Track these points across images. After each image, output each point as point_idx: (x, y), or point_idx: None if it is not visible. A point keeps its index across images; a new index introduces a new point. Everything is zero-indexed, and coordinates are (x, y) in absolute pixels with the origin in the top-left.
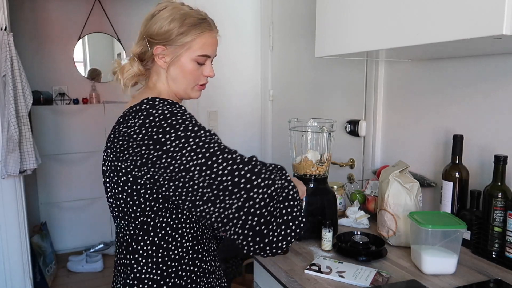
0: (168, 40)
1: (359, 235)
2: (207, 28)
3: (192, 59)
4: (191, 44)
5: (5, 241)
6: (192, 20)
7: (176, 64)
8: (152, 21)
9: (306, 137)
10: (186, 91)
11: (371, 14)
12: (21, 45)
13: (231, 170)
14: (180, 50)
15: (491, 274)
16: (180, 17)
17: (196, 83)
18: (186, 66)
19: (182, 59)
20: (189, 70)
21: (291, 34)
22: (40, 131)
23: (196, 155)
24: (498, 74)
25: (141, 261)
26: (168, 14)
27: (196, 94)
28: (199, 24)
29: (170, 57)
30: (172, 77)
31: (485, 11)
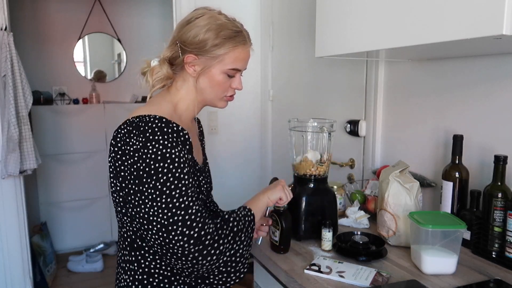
0: (201, 50)
1: (359, 235)
2: (241, 42)
3: (223, 71)
4: (224, 57)
5: (5, 241)
6: (227, 33)
7: (206, 74)
8: (187, 28)
9: (306, 137)
10: (213, 101)
11: (371, 14)
12: (21, 45)
13: (183, 246)
14: (212, 61)
15: (491, 274)
16: (216, 28)
17: (224, 94)
18: (216, 78)
19: (213, 70)
20: (218, 82)
21: (291, 34)
22: (40, 131)
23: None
24: (498, 74)
25: (148, 257)
26: (204, 23)
27: (223, 104)
28: (234, 37)
29: (201, 67)
30: (200, 87)
31: (485, 11)
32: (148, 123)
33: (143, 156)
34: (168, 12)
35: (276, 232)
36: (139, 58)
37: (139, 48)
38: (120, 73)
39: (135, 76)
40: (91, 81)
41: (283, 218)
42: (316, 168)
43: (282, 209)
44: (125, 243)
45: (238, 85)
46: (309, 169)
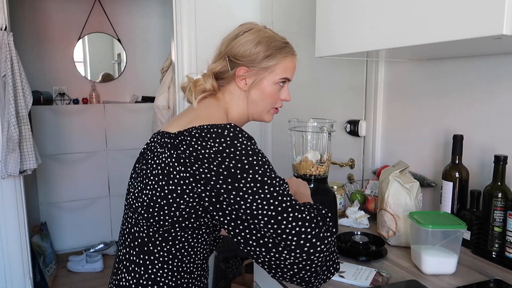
0: (253, 62)
1: (359, 235)
2: (290, 52)
3: (274, 82)
4: (275, 67)
5: (5, 241)
6: (277, 44)
7: (258, 86)
8: (236, 42)
9: (306, 137)
10: (262, 114)
11: (371, 14)
12: (21, 45)
13: (299, 232)
14: (263, 73)
15: (491, 274)
16: (267, 40)
17: (273, 106)
18: (268, 89)
19: (264, 82)
20: (270, 93)
21: (291, 34)
22: (40, 131)
23: (268, 206)
24: (498, 74)
25: (157, 264)
26: (253, 37)
27: (270, 118)
28: (283, 48)
29: (252, 79)
30: (252, 99)
31: (485, 11)
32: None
33: (231, 154)
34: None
35: None
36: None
37: (139, 48)
38: (120, 73)
39: (135, 76)
40: (91, 81)
41: None
42: (316, 168)
43: None
44: (133, 243)
45: (287, 96)
46: (309, 169)
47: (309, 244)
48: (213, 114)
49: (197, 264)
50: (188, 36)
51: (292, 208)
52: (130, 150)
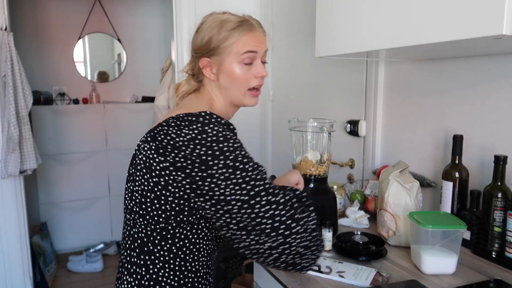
0: (210, 50)
1: (359, 235)
2: (246, 29)
3: (237, 61)
4: (231, 48)
5: (5, 241)
6: (229, 25)
7: (223, 71)
8: (195, 37)
9: (306, 137)
10: (240, 98)
11: (371, 14)
12: (21, 45)
13: (272, 215)
14: (222, 56)
15: (491, 274)
16: (218, 25)
17: (247, 87)
18: (233, 70)
19: (227, 65)
20: (238, 75)
21: (291, 34)
22: (40, 131)
23: (241, 190)
24: (498, 74)
25: (158, 264)
26: (207, 27)
27: (250, 101)
28: (237, 27)
29: (216, 66)
30: (223, 86)
31: (485, 11)
32: (200, 115)
33: (202, 141)
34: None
35: None
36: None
37: (139, 48)
38: (120, 73)
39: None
40: (91, 81)
41: None
42: (316, 168)
43: None
44: (133, 244)
45: (259, 71)
46: (309, 169)
47: (284, 226)
48: (194, 105)
49: (202, 262)
50: (188, 36)
51: (265, 191)
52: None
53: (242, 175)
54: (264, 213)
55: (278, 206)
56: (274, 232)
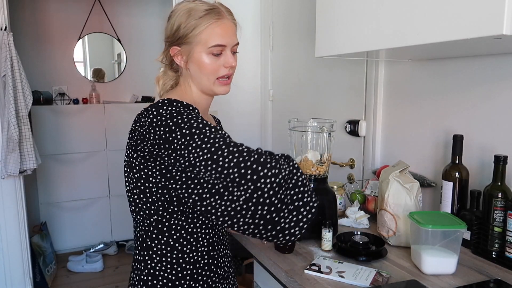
0: (178, 38)
1: (359, 235)
2: (214, 18)
3: (206, 52)
4: (199, 37)
5: (5, 241)
6: (197, 14)
7: (192, 60)
8: (167, 24)
9: (306, 137)
10: (210, 86)
11: (371, 14)
12: (21, 45)
13: (237, 163)
14: (191, 45)
15: (491, 274)
16: (185, 13)
17: (216, 76)
18: (201, 60)
19: (195, 54)
20: (206, 64)
21: (291, 34)
22: (40, 131)
23: (202, 151)
24: (498, 74)
25: (155, 258)
26: (176, 15)
27: (221, 89)
28: (204, 16)
29: (185, 55)
30: (192, 74)
31: (485, 11)
32: (158, 102)
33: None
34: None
35: None
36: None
37: (139, 48)
38: (120, 73)
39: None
40: (91, 81)
41: None
42: (316, 168)
43: None
44: (137, 243)
45: (227, 62)
46: (309, 169)
47: (250, 171)
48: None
49: (201, 252)
50: None
51: (225, 145)
52: None
53: (200, 137)
54: (229, 163)
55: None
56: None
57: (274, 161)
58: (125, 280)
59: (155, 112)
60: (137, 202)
